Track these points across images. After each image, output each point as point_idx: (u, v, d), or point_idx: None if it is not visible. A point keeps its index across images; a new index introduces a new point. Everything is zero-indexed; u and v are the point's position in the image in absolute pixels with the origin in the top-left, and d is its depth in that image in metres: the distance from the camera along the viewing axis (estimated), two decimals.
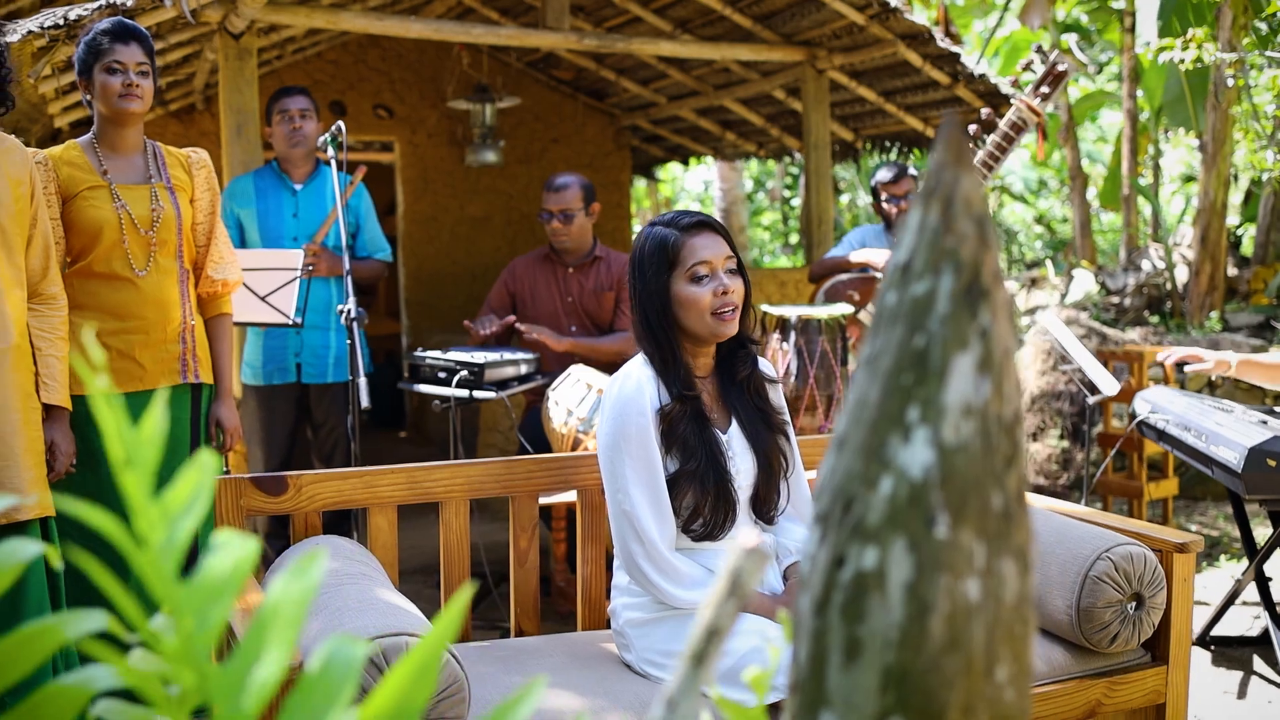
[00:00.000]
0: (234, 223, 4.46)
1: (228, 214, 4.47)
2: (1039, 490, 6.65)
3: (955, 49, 5.66)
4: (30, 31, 4.13)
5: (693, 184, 18.74)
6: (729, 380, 2.50)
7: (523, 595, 2.66)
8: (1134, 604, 2.52)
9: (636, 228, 18.99)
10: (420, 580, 4.77)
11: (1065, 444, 6.78)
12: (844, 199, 13.99)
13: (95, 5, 4.25)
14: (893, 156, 7.08)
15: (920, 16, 10.28)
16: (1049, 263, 9.81)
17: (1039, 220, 15.68)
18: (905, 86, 6.29)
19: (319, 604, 2.07)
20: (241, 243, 4.44)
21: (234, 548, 0.80)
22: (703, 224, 2.46)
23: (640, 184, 17.27)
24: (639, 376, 2.41)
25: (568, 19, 5.61)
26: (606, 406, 2.40)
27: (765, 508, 2.49)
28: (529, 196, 8.25)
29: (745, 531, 0.76)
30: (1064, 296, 9.31)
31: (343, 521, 4.50)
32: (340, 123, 3.90)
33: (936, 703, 0.81)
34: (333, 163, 3.88)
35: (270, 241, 4.38)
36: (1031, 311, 8.75)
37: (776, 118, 7.58)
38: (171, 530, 0.77)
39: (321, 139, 3.95)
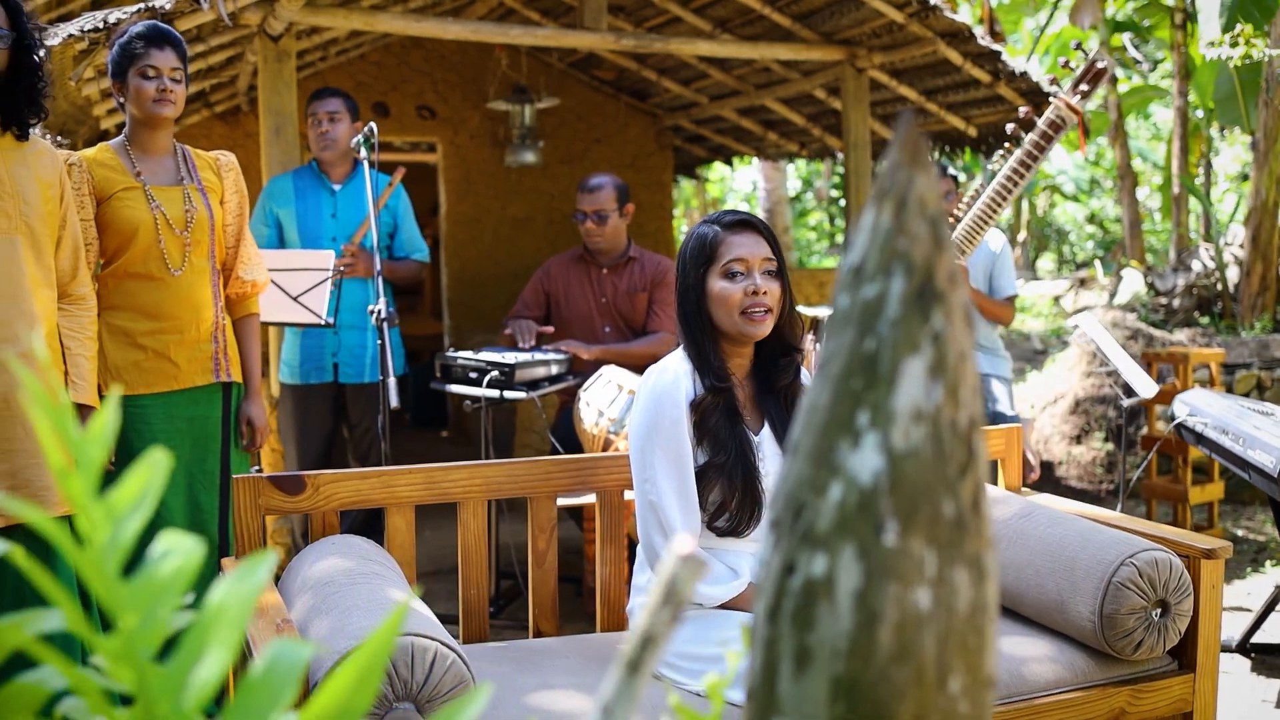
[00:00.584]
0: (273, 222, 4.50)
1: (267, 213, 4.52)
2: (1082, 494, 6.56)
3: (996, 47, 5.59)
4: (71, 35, 4.19)
5: (741, 184, 18.69)
6: (766, 386, 2.48)
7: (541, 596, 2.66)
8: (1159, 611, 2.47)
9: (684, 228, 18.98)
10: (454, 580, 4.79)
11: (1109, 447, 6.69)
12: None
13: (134, 9, 4.31)
14: (934, 156, 7.01)
15: (965, 15, 10.17)
16: (1097, 263, 9.68)
17: (1091, 220, 15.48)
18: (946, 85, 6.22)
19: (330, 603, 2.08)
20: (280, 242, 4.49)
21: (181, 549, 0.80)
22: (746, 223, 2.45)
23: (687, 184, 17.26)
24: (676, 369, 2.41)
25: (605, 19, 5.60)
26: (641, 397, 2.40)
27: None
28: (571, 197, 8.25)
29: (681, 539, 0.75)
30: (1112, 297, 9.19)
31: (376, 521, 4.54)
32: (372, 124, 3.93)
33: (886, 713, 0.80)
34: (364, 164, 3.91)
35: (309, 241, 4.41)
36: (1079, 312, 8.63)
37: (818, 117, 7.54)
38: (117, 530, 0.77)
39: (355, 140, 3.98)
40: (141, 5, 4.33)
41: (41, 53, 2.82)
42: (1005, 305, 4.90)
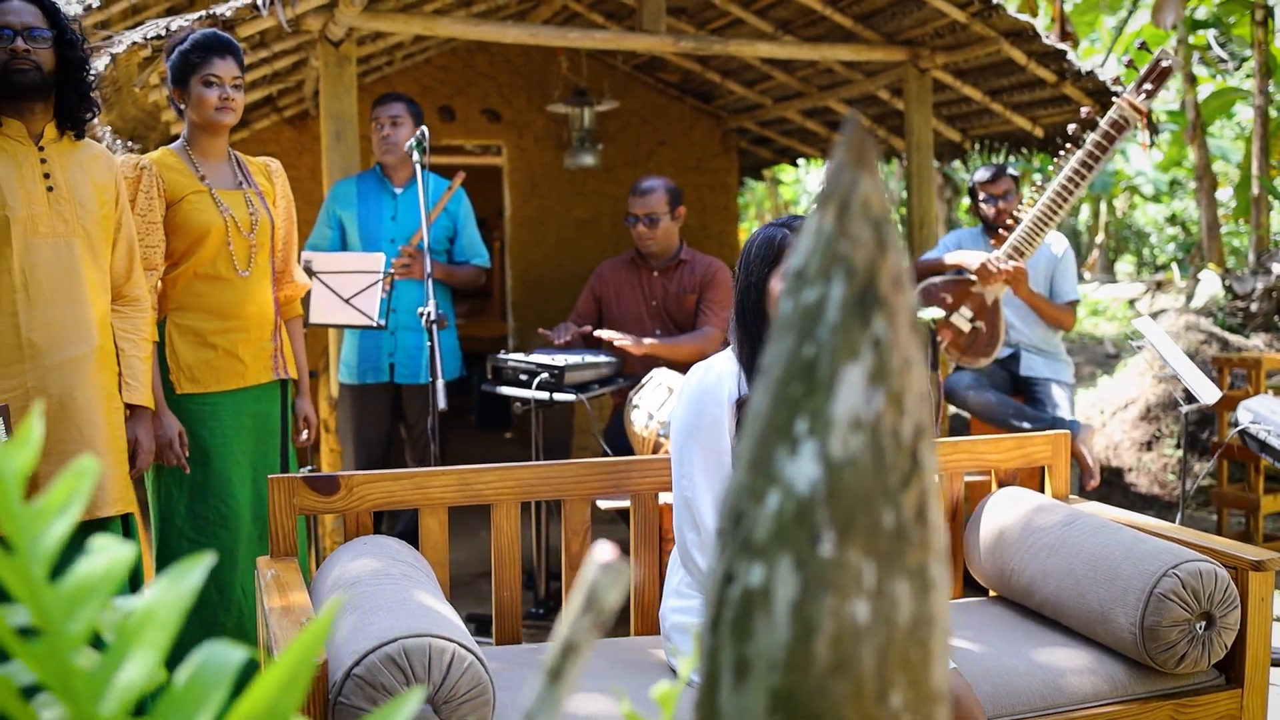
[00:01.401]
0: (336, 224, 4.57)
1: (330, 216, 4.59)
2: (1152, 501, 6.42)
3: (1061, 46, 5.49)
4: (134, 43, 4.29)
5: (814, 185, 18.58)
6: None
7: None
8: (1203, 623, 2.41)
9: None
10: (485, 581, 4.81)
11: (1181, 454, 6.53)
12: (965, 201, 13.69)
13: (196, 15, 4.39)
14: (1001, 157, 6.91)
15: (1042, 16, 10.01)
16: (1174, 266, 9.45)
17: (1171, 221, 15.13)
18: (1011, 85, 6.12)
19: (354, 603, 2.10)
20: (342, 244, 4.55)
21: (109, 551, 0.81)
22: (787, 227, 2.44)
23: (760, 186, 17.19)
24: (721, 368, 2.41)
25: (664, 22, 5.60)
26: (684, 393, 2.39)
27: None
28: None
29: (602, 546, 0.74)
30: (1189, 300, 8.97)
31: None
32: (424, 128, 3.96)
33: None
34: (417, 168, 3.94)
35: (369, 244, 4.47)
36: (1155, 316, 8.44)
37: (883, 119, 7.46)
38: (44, 533, 0.78)
39: (408, 144, 4.01)
40: (204, 12, 4.41)
41: (86, 49, 2.88)
42: (1066, 310, 4.81)
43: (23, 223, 2.77)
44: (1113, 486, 6.78)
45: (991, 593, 2.94)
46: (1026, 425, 4.59)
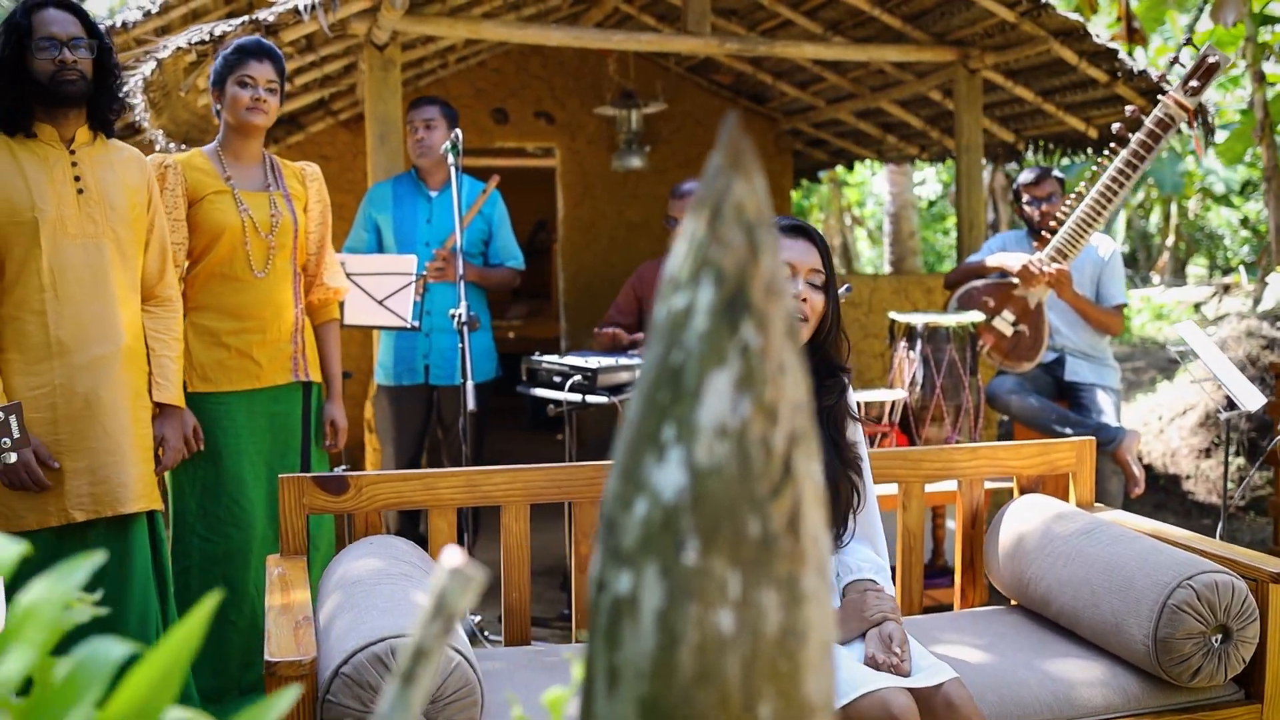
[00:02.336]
0: (372, 227, 4.61)
1: (367, 219, 4.63)
2: (1209, 509, 6.28)
3: (1112, 45, 5.39)
4: (179, 48, 4.37)
5: (880, 187, 18.43)
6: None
7: (584, 602, 2.66)
8: (1219, 637, 2.35)
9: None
10: (544, 581, 4.84)
11: (1240, 461, 6.38)
12: None
13: (239, 21, 4.47)
14: (1055, 158, 6.80)
15: (1104, 15, 9.82)
16: (1241, 269, 9.23)
17: (1244, 223, 14.78)
18: (1063, 85, 6.01)
19: (352, 602, 2.12)
20: (379, 247, 4.59)
21: None
22: (800, 229, 2.41)
23: (824, 188, 17.07)
24: None
25: (709, 23, 5.58)
26: None
27: None
28: None
29: (450, 551, 0.74)
30: (1256, 304, 8.76)
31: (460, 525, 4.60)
32: (458, 131, 3.99)
33: None
34: (452, 171, 3.96)
35: (405, 246, 4.51)
36: (1218, 320, 8.26)
37: (936, 120, 7.37)
38: None
39: (444, 147, 4.04)
40: (247, 18, 4.48)
41: (108, 42, 2.95)
42: (1112, 314, 4.71)
43: (52, 224, 2.83)
44: (1169, 494, 6.64)
45: (1012, 601, 2.89)
46: (1069, 431, 4.51)
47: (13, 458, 2.38)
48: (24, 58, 2.83)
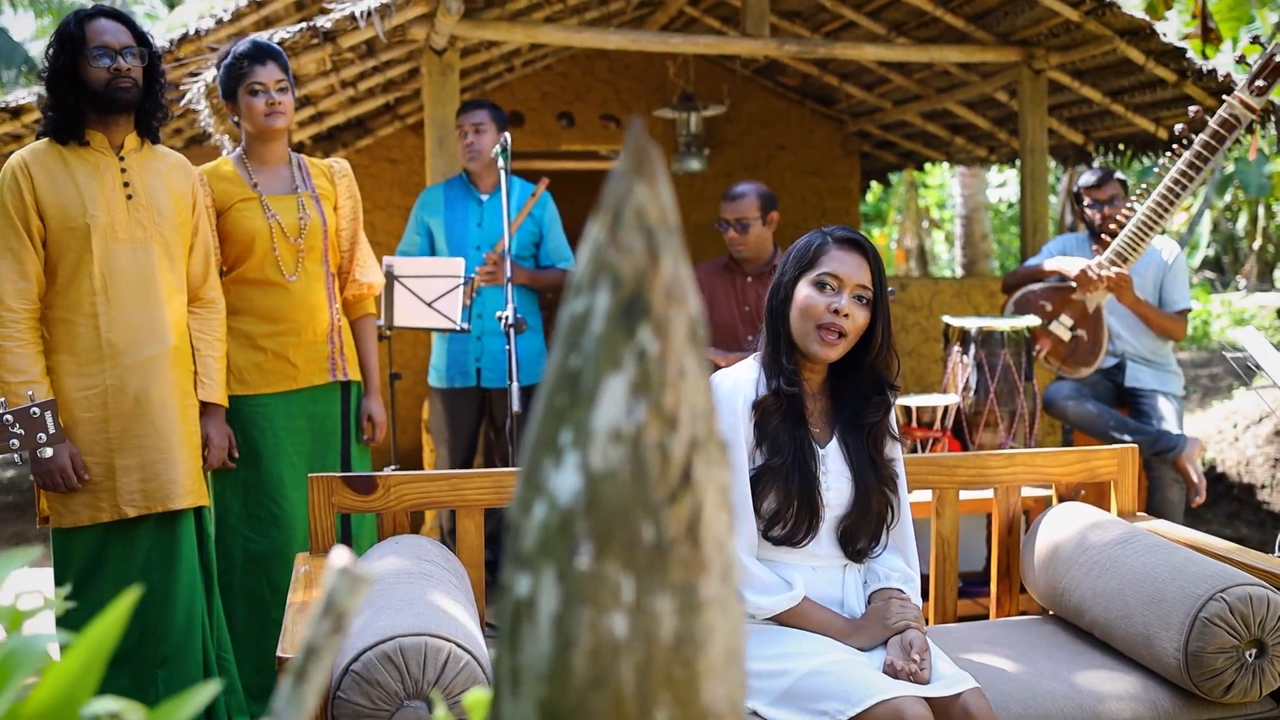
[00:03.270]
0: (424, 231, 4.66)
1: (419, 223, 4.68)
2: None
3: (1180, 44, 5.27)
4: (218, 53, 4.46)
5: (957, 189, 18.18)
6: (847, 416, 2.41)
7: None
8: (1254, 651, 2.28)
9: (894, 235, 18.53)
10: None
11: None
12: None
13: (298, 27, 4.55)
14: (1126, 160, 6.66)
15: (1177, 14, 9.60)
16: None
17: None
18: (1131, 85, 5.89)
19: (368, 600, 2.14)
20: (431, 250, 4.64)
21: None
22: (856, 243, 2.39)
23: (902, 190, 16.90)
24: (738, 376, 2.39)
25: (767, 25, 5.56)
26: None
27: (852, 544, 2.39)
28: None
29: (338, 552, 0.74)
30: None
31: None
32: (506, 135, 4.01)
33: None
34: (501, 174, 3.99)
35: (456, 250, 4.55)
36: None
37: (1003, 121, 7.26)
38: None
39: (494, 151, 4.07)
40: (303, 25, 4.56)
41: (158, 49, 3.02)
42: (1176, 319, 4.61)
43: (103, 229, 2.91)
44: (1243, 504, 6.47)
45: (1049, 611, 2.84)
46: (1127, 438, 4.42)
47: (49, 452, 2.45)
48: (77, 66, 2.91)
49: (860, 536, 2.38)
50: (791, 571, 2.35)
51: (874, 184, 10.89)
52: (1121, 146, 6.65)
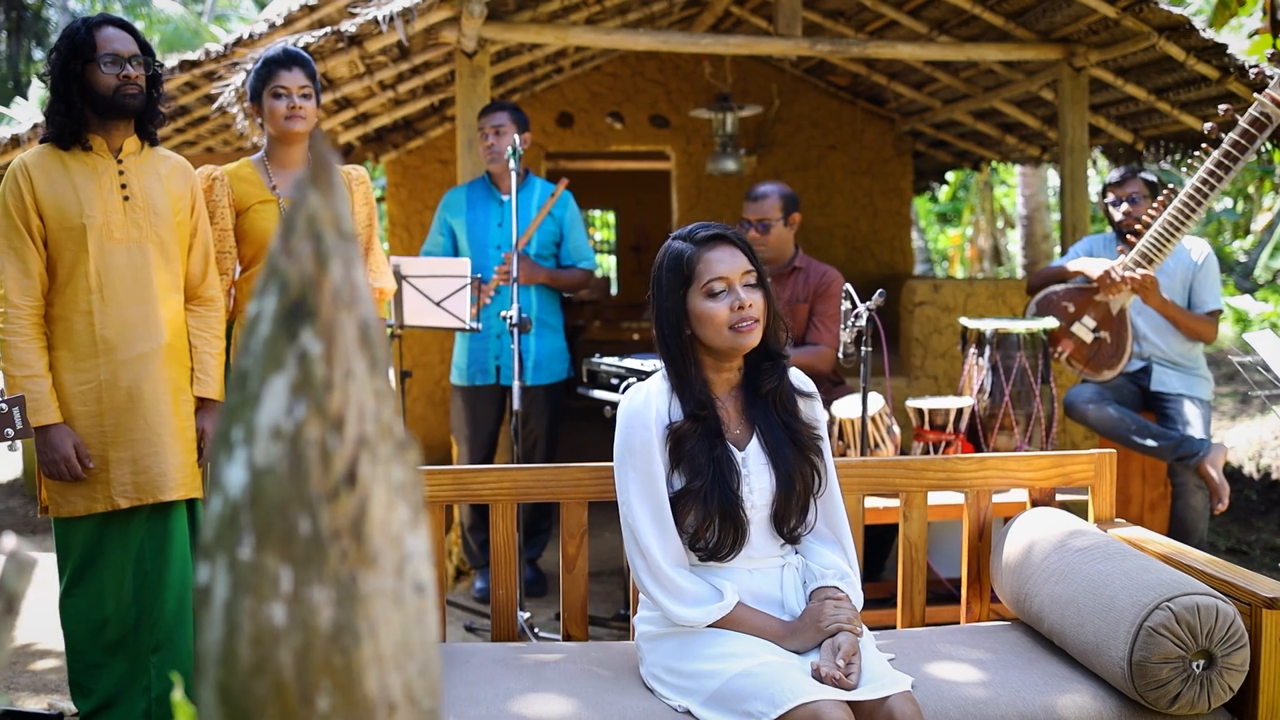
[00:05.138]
0: (447, 231, 4.74)
1: (442, 223, 4.76)
2: None
3: (1221, 40, 5.14)
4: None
5: (1024, 189, 17.87)
6: (753, 394, 2.43)
7: (571, 601, 2.70)
8: (1202, 662, 2.24)
9: (969, 233, 18.25)
10: (613, 581, 4.89)
11: None
12: None
13: (323, 32, 4.65)
14: (1176, 158, 6.51)
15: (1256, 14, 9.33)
16: None
17: None
18: (1176, 83, 5.76)
19: None
20: (454, 251, 4.72)
21: None
22: (719, 237, 2.40)
23: (971, 189, 16.67)
24: (650, 390, 2.40)
25: (799, 25, 5.54)
26: (619, 418, 2.40)
27: (784, 526, 2.39)
28: (804, 204, 8.17)
29: (5, 538, 0.79)
30: None
31: (543, 519, 4.69)
32: (516, 137, 4.07)
33: None
34: (513, 176, 4.04)
35: (477, 250, 4.62)
36: None
37: (1053, 120, 7.14)
38: None
39: (507, 153, 4.13)
40: (329, 29, 4.66)
41: (157, 62, 3.13)
42: (1206, 321, 4.50)
43: (99, 229, 3.01)
44: None
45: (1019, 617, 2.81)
46: (1150, 443, 4.34)
47: (18, 446, 2.55)
48: (86, 72, 3.02)
49: (790, 516, 2.38)
50: (726, 577, 2.36)
51: (947, 182, 10.76)
52: (1171, 144, 6.50)
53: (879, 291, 3.33)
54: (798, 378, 2.47)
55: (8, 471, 7.85)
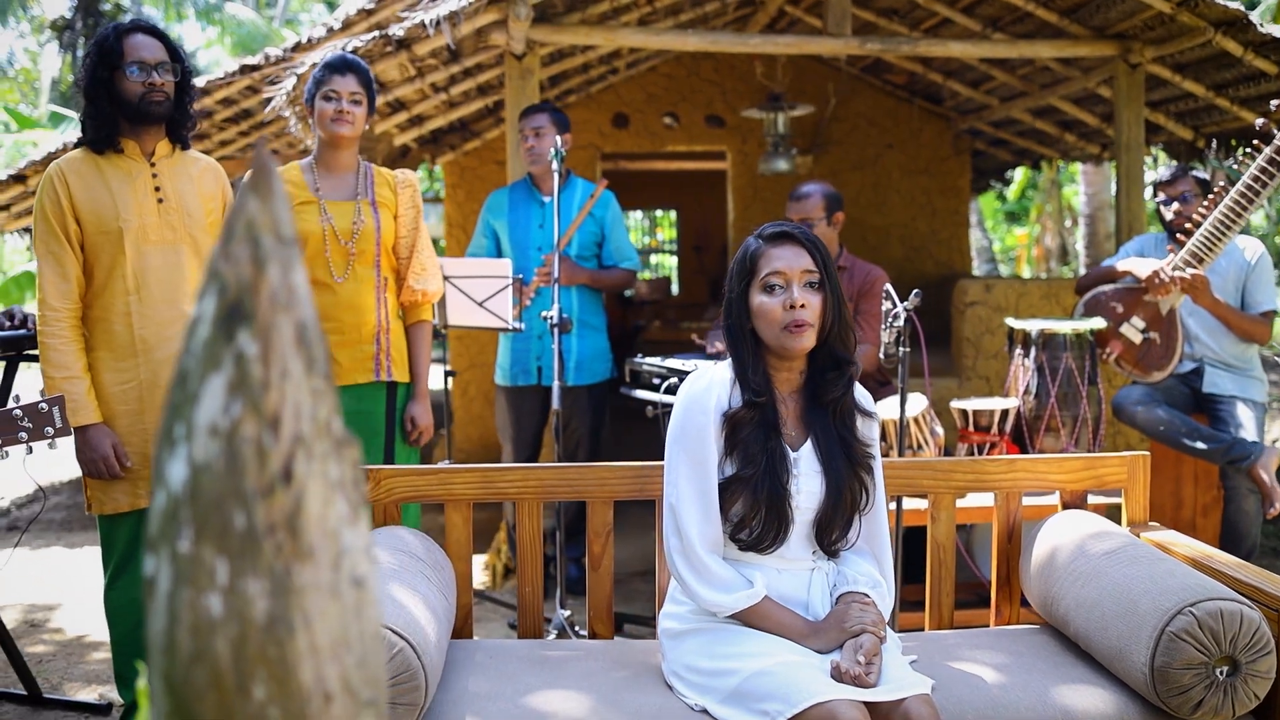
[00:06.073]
0: (490, 233, 4.79)
1: (485, 225, 4.81)
2: None
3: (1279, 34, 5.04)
4: (314, 64, 4.65)
5: (1086, 186, 17.60)
6: (814, 401, 2.43)
7: (596, 599, 2.72)
8: (1226, 669, 2.21)
9: (1035, 233, 17.97)
10: (641, 581, 4.91)
11: None
12: None
13: (370, 36, 4.72)
14: (1239, 155, 6.37)
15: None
16: None
17: None
18: (1235, 78, 5.66)
19: None
20: (497, 252, 4.77)
21: None
22: (786, 235, 2.41)
23: (1038, 188, 16.45)
24: (713, 377, 2.42)
25: (849, 24, 5.52)
26: (678, 401, 2.42)
27: (825, 537, 2.40)
28: (861, 204, 8.16)
29: None
30: None
31: (579, 520, 4.72)
32: (557, 138, 4.11)
33: (193, 713, 0.84)
34: (555, 177, 4.08)
35: (519, 251, 4.66)
36: None
37: (1109, 117, 7.04)
38: None
39: (549, 154, 4.17)
40: (378, 32, 4.74)
41: (190, 66, 3.20)
42: (1260, 321, 4.42)
43: (135, 232, 3.10)
44: None
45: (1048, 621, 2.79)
46: (1201, 445, 4.27)
47: (57, 444, 2.63)
48: (114, 79, 3.09)
49: (834, 528, 2.39)
50: (754, 571, 2.37)
51: (1009, 181, 10.63)
52: (1233, 141, 6.38)
53: (915, 292, 3.31)
54: (863, 396, 2.46)
55: (74, 469, 8.06)
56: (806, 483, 2.36)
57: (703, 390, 2.39)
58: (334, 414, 0.88)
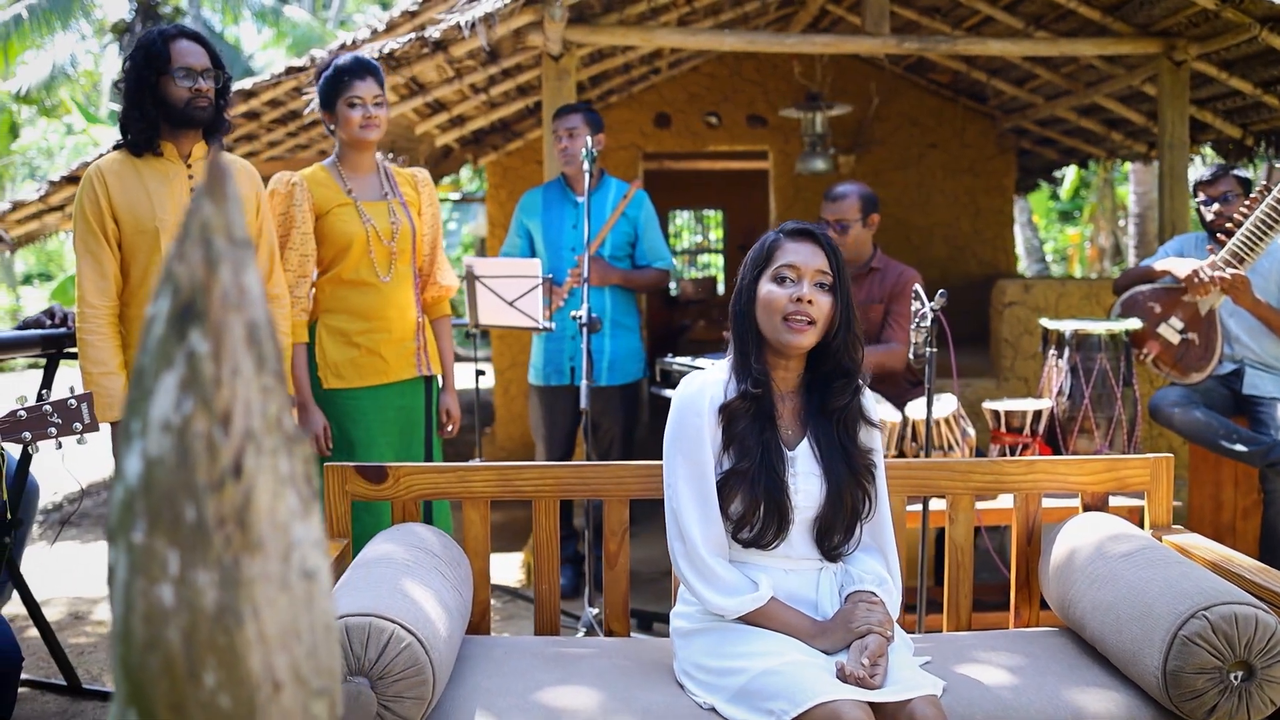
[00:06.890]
0: (524, 233, 4.83)
1: (519, 225, 4.85)
2: None
3: None
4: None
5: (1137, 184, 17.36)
6: (819, 407, 2.43)
7: (613, 598, 2.74)
8: (1241, 674, 2.19)
9: (1087, 232, 17.75)
10: (669, 579, 4.91)
11: None
12: None
13: (407, 38, 4.77)
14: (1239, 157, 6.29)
15: None
16: None
17: None
18: None
19: (349, 582, 2.29)
20: (531, 252, 4.81)
21: None
22: (806, 233, 2.42)
23: (1090, 186, 16.25)
24: (706, 379, 2.43)
25: (887, 23, 5.50)
26: (673, 404, 2.43)
27: (827, 541, 2.40)
28: (904, 203, 8.12)
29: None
30: None
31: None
32: (590, 138, 4.13)
33: (148, 698, 0.87)
34: (586, 177, 4.11)
35: (553, 251, 4.70)
36: None
37: (1155, 115, 6.95)
38: None
39: (581, 155, 4.19)
40: (412, 35, 4.79)
41: (226, 74, 3.26)
42: None
43: (171, 231, 3.16)
44: None
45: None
46: (1240, 447, 4.21)
47: (86, 439, 2.69)
48: (160, 83, 3.16)
49: (835, 532, 2.39)
50: (759, 571, 2.38)
51: (1056, 180, 10.53)
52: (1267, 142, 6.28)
53: (940, 292, 3.30)
54: (870, 406, 2.46)
55: None
56: (805, 483, 2.37)
57: (695, 392, 2.40)
58: (284, 410, 0.91)
